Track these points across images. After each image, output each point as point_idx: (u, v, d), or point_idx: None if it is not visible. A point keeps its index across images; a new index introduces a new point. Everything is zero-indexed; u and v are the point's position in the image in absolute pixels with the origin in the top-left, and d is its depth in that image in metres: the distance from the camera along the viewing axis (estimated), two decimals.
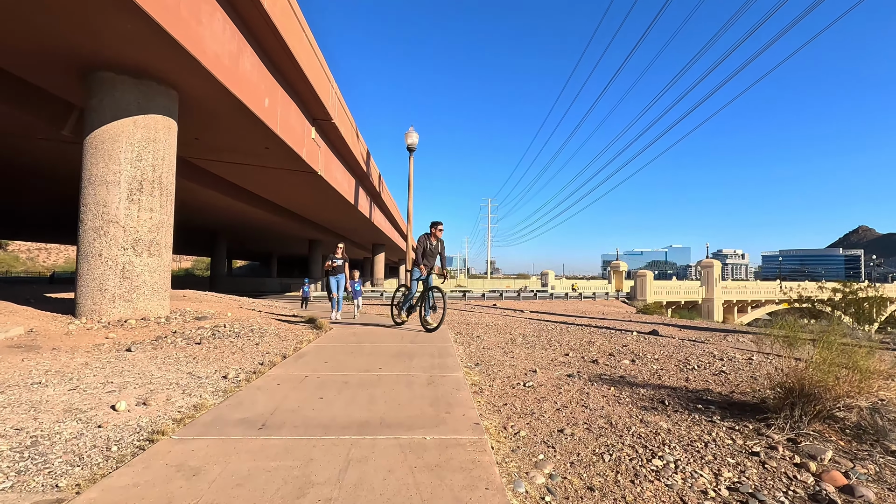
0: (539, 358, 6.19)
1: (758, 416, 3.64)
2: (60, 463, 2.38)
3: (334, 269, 9.87)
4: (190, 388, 3.88)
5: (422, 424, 2.98)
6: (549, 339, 8.23)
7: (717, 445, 3.08)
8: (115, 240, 8.03)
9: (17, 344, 6.01)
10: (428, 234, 8.10)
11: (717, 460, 2.85)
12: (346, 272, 9.97)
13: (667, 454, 2.89)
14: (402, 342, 6.48)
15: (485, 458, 2.48)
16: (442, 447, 2.60)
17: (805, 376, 3.54)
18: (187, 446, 2.51)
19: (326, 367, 4.71)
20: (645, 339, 8.76)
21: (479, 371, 5.14)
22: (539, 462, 2.71)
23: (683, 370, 5.55)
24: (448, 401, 3.54)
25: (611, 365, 5.79)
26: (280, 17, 9.90)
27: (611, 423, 3.47)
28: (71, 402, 3.42)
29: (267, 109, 10.96)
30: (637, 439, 3.14)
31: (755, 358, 6.47)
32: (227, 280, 42.77)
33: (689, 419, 3.60)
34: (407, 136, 17.63)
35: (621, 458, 2.82)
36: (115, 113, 8.15)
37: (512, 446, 2.93)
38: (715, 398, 4.25)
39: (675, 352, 7.01)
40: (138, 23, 6.80)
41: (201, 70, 8.23)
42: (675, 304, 40.55)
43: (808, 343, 4.30)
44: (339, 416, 3.10)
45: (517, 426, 3.32)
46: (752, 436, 3.29)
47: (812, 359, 3.59)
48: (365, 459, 2.41)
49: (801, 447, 3.13)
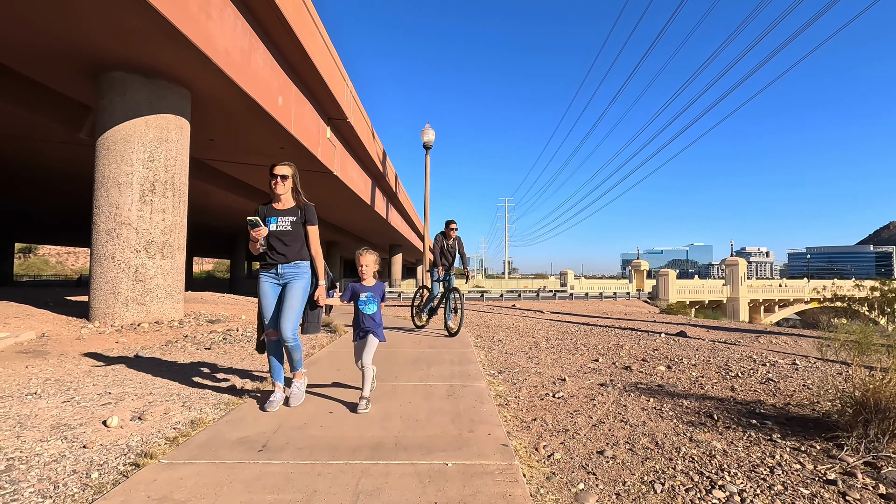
0: (567, 364, 5.78)
1: (823, 435, 3.19)
2: (31, 494, 2.08)
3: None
4: (191, 399, 3.60)
5: (442, 446, 2.62)
6: (574, 342, 7.80)
7: (783, 471, 2.65)
8: (127, 242, 7.88)
9: (25, 349, 5.86)
10: (443, 232, 7.81)
11: (788, 491, 2.42)
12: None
13: (728, 483, 2.47)
14: (420, 347, 6.14)
15: (517, 490, 2.11)
16: (467, 476, 2.24)
17: (882, 388, 3.08)
18: (175, 473, 2.20)
19: (338, 375, 4.39)
20: (675, 341, 8.27)
21: (503, 380, 4.76)
22: (580, 494, 2.32)
23: (726, 377, 5.08)
24: (471, 416, 3.17)
25: (645, 372, 5.35)
26: (292, 14, 9.67)
27: (656, 441, 3.06)
28: (61, 416, 3.16)
29: (280, 108, 10.75)
30: (690, 463, 2.73)
31: (799, 363, 5.96)
32: (246, 282, 43.11)
33: (744, 437, 3.17)
34: (423, 133, 17.31)
35: (675, 489, 2.42)
36: (126, 113, 8.00)
37: (546, 472, 2.55)
38: (769, 411, 3.80)
39: (710, 356, 6.52)
40: (146, 18, 6.60)
41: (212, 67, 8.02)
42: (699, 303, 39.45)
43: (882, 348, 3.80)
44: (349, 436, 2.76)
45: (550, 447, 2.93)
46: (823, 459, 2.85)
47: (893, 367, 3.12)
48: (377, 492, 2.07)
49: (883, 474, 2.68)
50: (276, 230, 3.39)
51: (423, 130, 17.37)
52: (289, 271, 3.40)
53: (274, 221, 3.41)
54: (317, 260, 3.52)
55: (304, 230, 3.49)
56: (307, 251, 3.50)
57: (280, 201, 3.50)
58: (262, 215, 3.44)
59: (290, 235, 3.41)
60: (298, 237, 3.45)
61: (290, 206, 3.50)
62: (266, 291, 3.41)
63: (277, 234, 3.39)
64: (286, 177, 3.46)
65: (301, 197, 3.55)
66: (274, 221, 3.41)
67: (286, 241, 3.39)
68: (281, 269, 3.39)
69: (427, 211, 17.62)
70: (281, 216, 3.44)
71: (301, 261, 3.44)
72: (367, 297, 3.42)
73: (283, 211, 3.46)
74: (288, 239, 3.39)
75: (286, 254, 3.39)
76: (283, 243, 3.38)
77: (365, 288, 3.45)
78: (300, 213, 3.49)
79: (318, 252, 3.53)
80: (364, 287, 3.45)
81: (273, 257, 3.39)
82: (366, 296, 3.42)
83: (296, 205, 3.53)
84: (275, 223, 3.41)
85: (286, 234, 3.40)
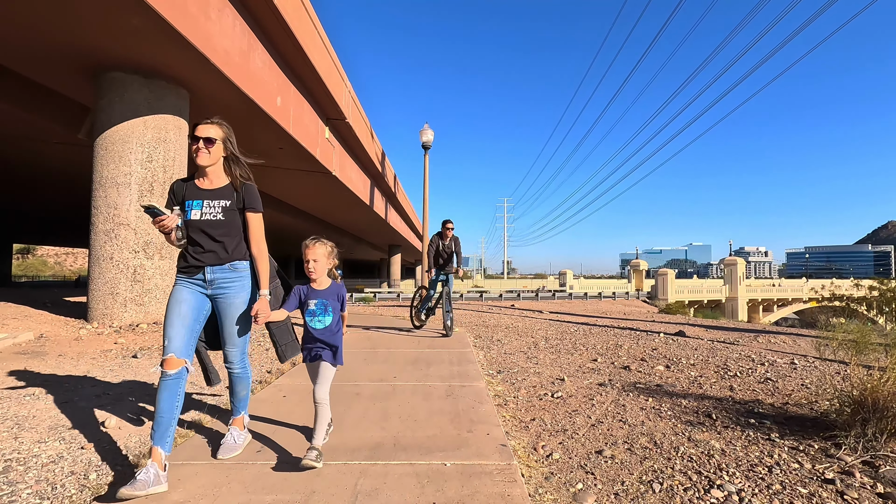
0: (565, 364, 5.79)
1: (822, 434, 3.19)
2: (29, 495, 2.09)
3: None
4: (189, 400, 3.60)
5: (441, 446, 2.62)
6: (573, 342, 7.80)
7: (782, 470, 2.65)
8: (125, 243, 7.87)
9: (23, 350, 5.85)
10: (439, 233, 7.83)
11: (786, 490, 2.43)
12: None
13: (727, 483, 2.48)
14: (420, 347, 6.14)
15: (515, 490, 2.11)
16: (465, 476, 2.24)
17: (879, 387, 3.08)
18: (173, 474, 2.20)
19: (337, 376, 4.38)
20: (674, 340, 8.27)
21: (502, 380, 4.77)
22: (578, 493, 2.32)
23: (725, 377, 5.09)
24: (470, 416, 3.17)
25: (644, 371, 5.35)
26: (291, 14, 9.67)
27: (655, 441, 3.06)
28: (59, 417, 3.16)
29: (279, 108, 10.75)
30: (688, 463, 2.74)
31: (797, 362, 5.96)
32: None
33: (743, 437, 3.18)
34: (422, 133, 17.32)
35: (674, 488, 2.42)
36: (124, 113, 7.99)
37: (545, 472, 2.55)
38: (767, 411, 3.80)
39: (709, 356, 6.52)
40: (145, 19, 6.61)
41: (211, 68, 8.03)
42: (698, 303, 39.50)
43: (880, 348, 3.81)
44: (347, 437, 2.76)
45: (549, 447, 2.93)
46: (821, 458, 2.85)
47: (891, 367, 3.13)
48: (375, 493, 2.07)
49: (881, 473, 2.68)
50: (201, 219, 2.37)
51: (421, 131, 17.38)
52: (222, 277, 2.41)
53: (197, 206, 2.38)
54: (258, 261, 2.50)
55: (243, 219, 2.48)
56: (245, 248, 2.51)
57: (206, 177, 2.44)
58: (178, 197, 2.42)
59: (223, 227, 2.40)
60: (234, 229, 2.44)
61: (221, 185, 2.45)
62: (181, 297, 2.35)
63: (202, 224, 2.37)
64: (212, 141, 2.38)
65: (239, 171, 2.49)
66: (197, 206, 2.38)
67: (216, 234, 2.38)
68: (210, 274, 2.39)
69: (426, 211, 17.62)
70: (207, 199, 2.40)
71: (240, 261, 2.47)
72: (316, 306, 2.50)
73: (211, 192, 2.42)
74: (219, 232, 2.39)
75: (216, 251, 2.39)
76: (210, 238, 2.38)
77: (315, 293, 2.52)
78: (236, 195, 2.45)
79: (261, 251, 2.52)
80: (314, 291, 2.53)
81: (197, 258, 2.38)
82: (315, 303, 2.50)
83: (230, 183, 2.47)
84: (198, 209, 2.38)
85: (216, 224, 2.38)
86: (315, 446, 2.33)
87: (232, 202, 2.44)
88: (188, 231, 2.39)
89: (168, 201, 2.43)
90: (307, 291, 2.55)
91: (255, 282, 2.53)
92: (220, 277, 2.41)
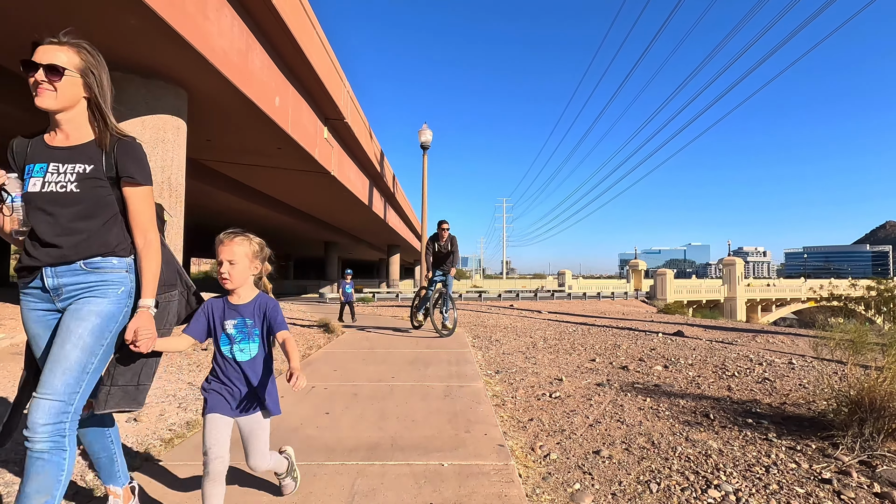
0: (564, 364, 5.79)
1: (819, 434, 3.20)
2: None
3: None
4: (187, 401, 3.60)
5: (439, 446, 2.62)
6: (571, 342, 7.81)
7: (779, 470, 2.66)
8: None
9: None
10: (435, 234, 7.93)
11: (783, 490, 2.43)
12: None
13: (724, 482, 2.48)
14: (418, 347, 6.14)
15: (513, 490, 2.11)
16: (462, 476, 2.24)
17: (876, 387, 3.09)
18: (169, 477, 2.20)
19: (335, 375, 4.39)
20: (672, 340, 8.28)
21: (500, 380, 4.77)
22: (576, 493, 2.33)
23: (723, 377, 5.10)
24: (468, 416, 3.18)
25: (642, 371, 5.36)
26: (290, 14, 9.67)
27: (652, 441, 3.06)
28: None
29: (278, 108, 10.74)
30: (686, 463, 2.74)
31: (795, 362, 5.98)
32: None
33: (740, 437, 3.18)
34: (420, 133, 17.33)
35: (671, 488, 2.43)
36: (122, 113, 7.97)
37: (542, 472, 2.55)
38: (765, 410, 3.81)
39: (707, 355, 6.53)
40: (143, 19, 6.60)
41: (209, 68, 8.02)
42: (696, 303, 39.56)
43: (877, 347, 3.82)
44: (345, 437, 2.76)
45: (547, 447, 2.94)
46: (818, 458, 2.86)
47: (888, 366, 3.13)
48: (373, 493, 2.07)
49: (878, 472, 2.69)
50: (42, 191, 1.52)
51: (420, 131, 17.39)
52: (72, 284, 1.55)
53: (38, 173, 1.55)
54: (143, 257, 1.61)
55: (118, 194, 1.62)
56: (122, 237, 1.63)
57: (59, 129, 1.61)
58: (18, 160, 1.60)
59: (77, 204, 1.54)
60: (98, 208, 1.57)
61: (82, 142, 1.60)
62: (34, 332, 1.63)
63: (44, 200, 1.52)
64: (58, 71, 1.56)
65: (105, 122, 1.63)
66: (38, 173, 1.55)
67: (65, 216, 1.53)
68: (52, 280, 1.55)
69: (425, 211, 17.62)
70: (58, 162, 1.55)
71: (104, 256, 1.57)
72: (235, 329, 1.75)
73: (64, 151, 1.58)
74: (69, 212, 1.53)
75: (62, 244, 1.53)
76: (55, 221, 1.52)
77: (231, 310, 1.77)
78: (105, 158, 1.59)
79: (148, 242, 1.63)
80: (230, 307, 1.77)
81: (31, 253, 1.54)
82: (233, 325, 1.75)
83: (95, 139, 1.61)
84: (39, 176, 1.54)
85: (65, 199, 1.52)
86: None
87: (96, 167, 1.56)
88: (27, 212, 1.53)
89: (8, 168, 1.57)
90: (223, 308, 1.77)
91: (139, 287, 1.63)
92: (70, 285, 1.55)
